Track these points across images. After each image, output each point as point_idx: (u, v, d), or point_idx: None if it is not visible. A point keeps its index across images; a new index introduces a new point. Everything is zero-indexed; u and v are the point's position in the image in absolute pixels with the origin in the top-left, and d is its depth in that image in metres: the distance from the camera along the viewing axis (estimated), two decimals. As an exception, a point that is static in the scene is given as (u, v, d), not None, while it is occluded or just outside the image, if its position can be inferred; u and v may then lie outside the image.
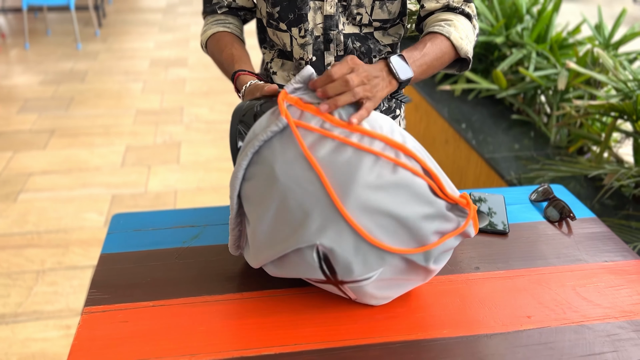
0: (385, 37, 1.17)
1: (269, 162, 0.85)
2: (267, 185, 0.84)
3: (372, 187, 0.81)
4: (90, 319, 0.92)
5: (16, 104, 4.14)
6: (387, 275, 0.87)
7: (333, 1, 1.09)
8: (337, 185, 0.81)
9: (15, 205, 2.87)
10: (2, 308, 2.17)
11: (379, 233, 0.81)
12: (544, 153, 1.96)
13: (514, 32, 2.40)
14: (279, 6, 1.10)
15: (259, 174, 0.86)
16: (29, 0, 5.26)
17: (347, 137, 0.83)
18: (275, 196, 0.83)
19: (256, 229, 0.87)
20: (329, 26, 1.10)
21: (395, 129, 0.87)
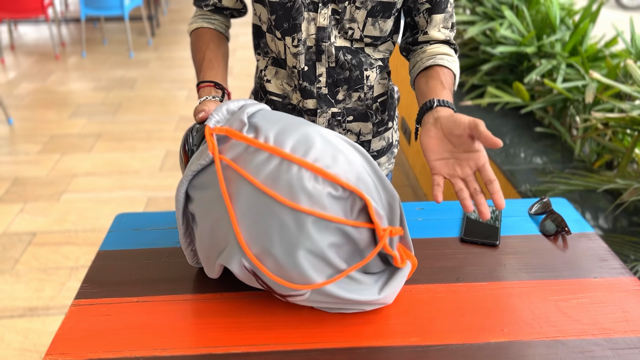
0: (376, 53, 1.19)
1: (202, 189, 0.90)
2: (203, 207, 0.90)
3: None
4: (77, 311, 0.97)
5: (69, 109, 4.36)
6: (319, 297, 0.89)
7: (326, 14, 1.11)
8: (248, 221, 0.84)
9: (58, 204, 3.02)
10: (36, 301, 2.29)
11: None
12: (566, 167, 1.92)
13: (546, 43, 2.36)
14: (275, 14, 1.13)
15: (197, 198, 0.91)
16: (87, 11, 5.53)
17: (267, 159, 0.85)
18: (208, 219, 0.89)
19: (198, 247, 0.95)
20: (321, 38, 1.13)
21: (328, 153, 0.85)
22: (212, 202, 0.88)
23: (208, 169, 0.90)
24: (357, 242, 0.87)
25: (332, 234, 0.84)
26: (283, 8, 1.12)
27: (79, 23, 6.97)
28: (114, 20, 7.00)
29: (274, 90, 1.24)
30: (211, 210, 0.89)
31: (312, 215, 0.82)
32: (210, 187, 0.89)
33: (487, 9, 2.76)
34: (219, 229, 0.88)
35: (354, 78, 1.18)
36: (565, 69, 2.19)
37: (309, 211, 0.81)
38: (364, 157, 0.90)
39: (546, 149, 2.05)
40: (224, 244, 0.89)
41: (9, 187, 3.19)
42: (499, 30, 2.46)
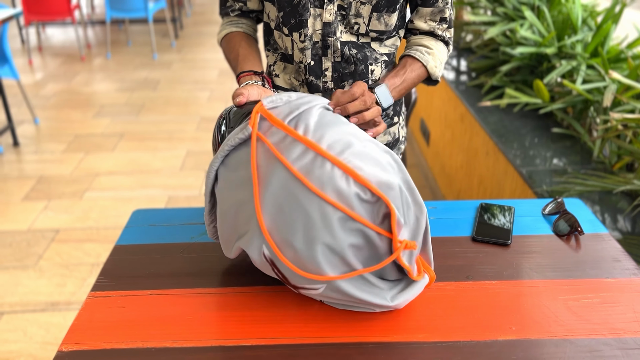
0: (382, 47, 1.21)
1: (233, 168, 0.91)
2: (228, 189, 0.90)
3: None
4: (93, 302, 1.00)
5: (93, 109, 4.44)
6: (332, 293, 0.90)
7: (332, 9, 1.13)
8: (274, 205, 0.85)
9: (80, 202, 3.08)
10: (58, 296, 2.34)
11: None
12: (585, 168, 1.90)
13: (567, 44, 2.33)
14: (282, 11, 1.16)
15: (226, 178, 0.92)
16: (112, 13, 5.63)
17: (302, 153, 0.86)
18: (232, 201, 0.90)
19: (218, 226, 0.95)
20: (327, 33, 1.15)
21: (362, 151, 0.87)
22: (241, 185, 0.89)
23: (242, 149, 0.91)
24: (377, 248, 0.87)
25: (355, 235, 0.85)
26: (290, 5, 1.14)
27: (104, 25, 7.09)
28: (138, 23, 7.11)
29: (281, 84, 1.26)
30: (238, 193, 0.90)
31: (340, 211, 0.83)
32: (241, 169, 0.90)
33: (508, 10, 2.74)
34: (242, 213, 0.89)
35: (359, 72, 1.20)
36: (586, 70, 2.17)
37: (338, 206, 0.82)
38: (399, 166, 0.90)
39: (565, 150, 2.04)
40: (245, 229, 0.90)
41: (34, 185, 3.26)
42: (519, 31, 2.44)
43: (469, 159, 2.50)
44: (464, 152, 2.56)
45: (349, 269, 0.87)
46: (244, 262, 1.10)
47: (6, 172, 3.43)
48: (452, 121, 2.73)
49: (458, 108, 2.61)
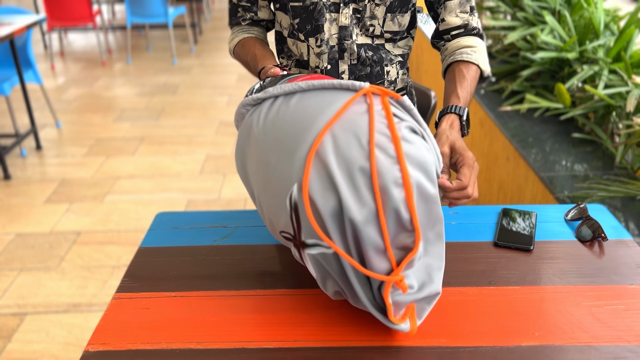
0: (396, 49, 1.22)
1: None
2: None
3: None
4: (118, 304, 1.01)
5: (114, 113, 4.50)
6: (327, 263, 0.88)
7: (348, 13, 1.14)
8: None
9: (102, 205, 3.12)
10: (80, 298, 2.37)
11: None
12: (607, 174, 1.88)
13: (589, 49, 2.32)
14: (298, 18, 1.17)
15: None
16: (133, 19, 5.70)
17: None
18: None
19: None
20: (343, 36, 1.16)
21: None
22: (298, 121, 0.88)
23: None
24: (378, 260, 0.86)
25: (373, 226, 0.82)
26: (306, 11, 1.15)
27: (124, 30, 7.18)
28: (158, 28, 7.19)
29: None
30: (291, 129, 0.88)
31: (375, 203, 0.81)
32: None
33: (528, 14, 2.73)
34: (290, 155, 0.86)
35: (374, 74, 1.20)
36: (608, 75, 2.15)
37: (378, 199, 0.80)
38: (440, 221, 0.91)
39: (587, 155, 2.02)
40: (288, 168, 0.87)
41: (56, 188, 3.31)
42: (540, 36, 2.43)
43: (488, 163, 2.48)
44: (484, 156, 2.54)
45: (348, 249, 0.84)
46: (263, 266, 1.11)
47: (29, 175, 3.49)
48: (472, 126, 2.72)
49: (477, 113, 2.60)
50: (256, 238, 1.20)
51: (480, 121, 2.58)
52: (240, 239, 1.20)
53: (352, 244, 0.83)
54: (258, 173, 0.93)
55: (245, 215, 1.29)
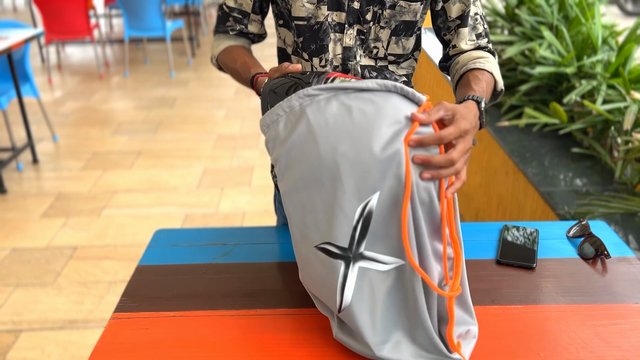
0: (400, 70, 1.22)
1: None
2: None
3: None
4: (116, 324, 1.00)
5: (111, 126, 4.49)
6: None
7: (352, 34, 1.14)
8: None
9: (98, 219, 3.10)
10: (76, 314, 2.35)
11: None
12: (606, 189, 1.88)
13: (587, 64, 2.32)
14: (302, 37, 1.17)
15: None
16: (131, 32, 5.71)
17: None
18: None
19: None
20: (347, 57, 1.15)
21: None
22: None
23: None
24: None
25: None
26: (310, 30, 1.15)
27: (122, 44, 7.19)
28: (156, 41, 7.20)
29: None
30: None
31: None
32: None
33: (526, 29, 2.74)
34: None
35: None
36: (607, 90, 2.15)
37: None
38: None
39: (586, 170, 2.02)
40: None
41: (52, 202, 3.29)
42: (538, 50, 2.44)
43: (487, 178, 2.48)
44: (483, 171, 2.54)
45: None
46: (263, 284, 1.09)
47: (25, 189, 3.47)
48: (470, 140, 2.71)
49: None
50: (256, 256, 1.18)
51: (479, 136, 2.58)
52: (240, 256, 1.18)
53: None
54: (310, 176, 0.86)
55: (245, 232, 1.28)
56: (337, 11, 1.12)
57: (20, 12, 9.81)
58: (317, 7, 1.12)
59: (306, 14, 1.14)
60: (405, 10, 1.12)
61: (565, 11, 2.69)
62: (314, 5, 1.12)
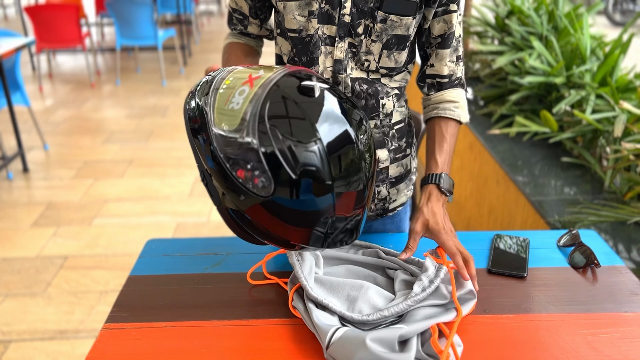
0: (392, 82, 1.22)
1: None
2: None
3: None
4: (107, 334, 0.99)
5: (102, 135, 4.48)
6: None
7: (343, 47, 1.14)
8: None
9: (89, 229, 3.08)
10: (66, 324, 2.33)
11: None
12: (596, 198, 1.89)
13: (575, 73, 2.35)
14: (295, 48, 1.18)
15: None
16: (122, 41, 5.71)
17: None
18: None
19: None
20: (337, 70, 1.16)
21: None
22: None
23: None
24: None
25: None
26: (302, 42, 1.16)
27: (114, 52, 7.19)
28: (147, 50, 7.20)
29: None
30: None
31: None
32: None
33: (516, 39, 2.77)
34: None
35: (369, 107, 1.20)
36: (595, 100, 2.18)
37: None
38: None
39: (576, 179, 2.03)
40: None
41: (43, 211, 3.27)
42: (528, 60, 2.46)
43: (478, 187, 2.49)
44: (474, 180, 2.56)
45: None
46: (258, 294, 1.09)
47: (15, 198, 3.45)
48: (461, 149, 2.73)
49: (467, 136, 2.62)
50: (248, 265, 1.18)
51: (470, 145, 2.60)
52: (232, 266, 1.18)
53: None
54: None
55: (237, 242, 1.27)
56: (327, 24, 1.13)
57: (11, 20, 9.79)
58: (308, 20, 1.13)
59: (297, 26, 1.14)
60: (397, 24, 1.13)
61: (555, 22, 2.72)
62: (305, 18, 1.13)
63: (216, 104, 0.89)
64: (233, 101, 0.88)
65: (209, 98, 0.91)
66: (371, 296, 1.01)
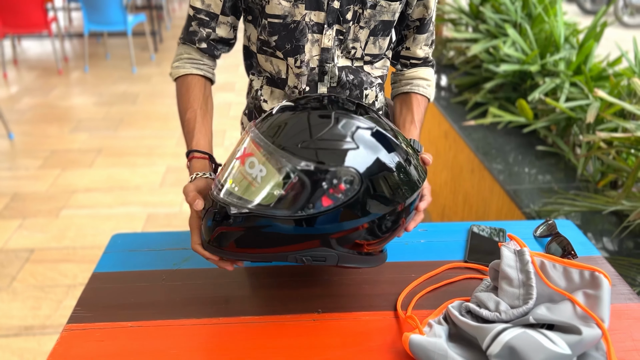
0: (374, 70, 1.20)
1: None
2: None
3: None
4: (69, 336, 0.94)
5: (70, 123, 4.35)
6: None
7: (331, 35, 1.10)
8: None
9: (57, 220, 3.00)
10: (32, 320, 2.26)
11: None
12: (570, 186, 1.89)
13: (550, 62, 2.34)
14: (276, 35, 1.12)
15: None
16: (90, 26, 5.55)
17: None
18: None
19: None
20: (325, 59, 1.12)
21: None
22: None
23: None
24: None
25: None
26: (286, 29, 1.10)
27: (82, 38, 6.99)
28: (117, 36, 7.03)
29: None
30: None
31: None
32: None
33: (490, 27, 2.75)
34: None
35: (353, 97, 1.17)
36: (569, 88, 2.18)
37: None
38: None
39: (550, 167, 2.03)
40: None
41: (7, 203, 3.17)
42: (503, 48, 2.45)
43: (453, 176, 2.48)
44: (449, 169, 2.54)
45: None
46: (227, 291, 1.05)
47: (-21, 189, 3.33)
48: (436, 138, 2.71)
49: (442, 124, 2.60)
50: (219, 260, 1.14)
51: (444, 133, 2.58)
52: (203, 262, 1.13)
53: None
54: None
55: (207, 235, 1.23)
56: (316, 10, 1.08)
57: (-27, 4, 9.46)
58: (294, 6, 1.08)
59: (282, 12, 1.09)
60: (385, 10, 1.10)
61: (529, 9, 2.71)
62: (291, 3, 1.08)
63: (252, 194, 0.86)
64: (252, 174, 0.86)
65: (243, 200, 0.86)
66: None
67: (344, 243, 0.88)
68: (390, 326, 0.96)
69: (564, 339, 0.82)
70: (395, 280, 1.07)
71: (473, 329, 0.87)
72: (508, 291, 0.92)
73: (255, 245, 0.88)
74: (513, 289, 0.91)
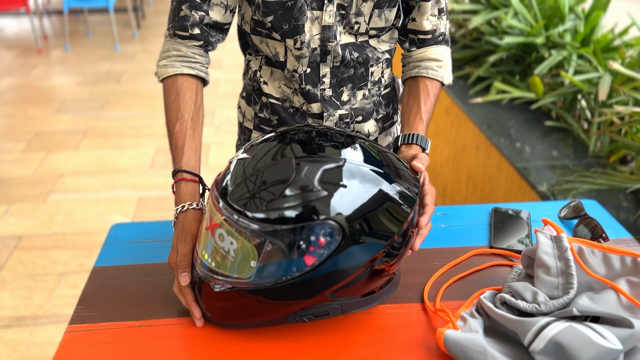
0: (381, 44, 1.11)
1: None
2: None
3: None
4: (72, 338, 0.87)
5: (53, 104, 4.21)
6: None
7: (332, 10, 1.01)
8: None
9: (44, 206, 2.89)
10: (23, 310, 2.17)
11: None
12: (581, 163, 1.83)
13: (555, 33, 2.27)
14: (272, 15, 1.02)
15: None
16: (70, 3, 5.35)
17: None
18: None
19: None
20: (327, 37, 1.03)
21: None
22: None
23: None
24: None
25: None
26: (282, 8, 1.00)
27: (61, 15, 6.76)
28: (98, 12, 6.80)
29: (272, 93, 1.13)
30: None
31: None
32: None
33: (490, -2, 2.66)
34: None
35: (358, 75, 1.10)
36: (577, 60, 2.10)
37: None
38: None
39: (558, 143, 1.97)
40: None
41: (-8, 188, 3.06)
42: (506, 19, 2.36)
43: (456, 153, 2.42)
44: (450, 146, 2.48)
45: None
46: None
47: (-39, 175, 3.21)
48: (437, 114, 2.64)
49: (443, 100, 2.52)
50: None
51: (446, 109, 2.51)
52: (211, 253, 1.06)
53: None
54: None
55: (214, 224, 1.15)
56: None
57: (-54, -19, 9.12)
58: None
59: None
60: None
61: (530, -22, 2.62)
62: None
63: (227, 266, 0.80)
64: (223, 247, 0.80)
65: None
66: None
67: (345, 293, 0.81)
68: (419, 320, 0.90)
69: (614, 333, 0.76)
70: (419, 269, 1.01)
71: (512, 323, 0.81)
72: (546, 280, 0.85)
73: (251, 315, 0.83)
74: (551, 277, 0.85)
